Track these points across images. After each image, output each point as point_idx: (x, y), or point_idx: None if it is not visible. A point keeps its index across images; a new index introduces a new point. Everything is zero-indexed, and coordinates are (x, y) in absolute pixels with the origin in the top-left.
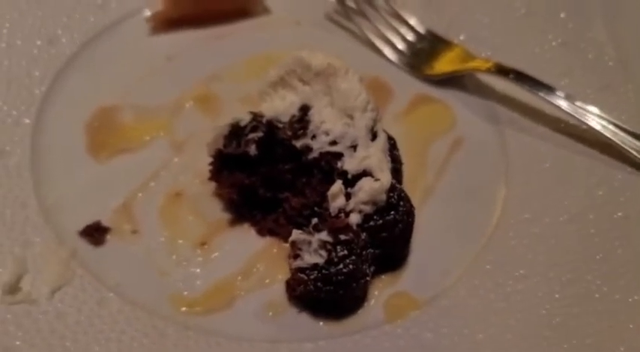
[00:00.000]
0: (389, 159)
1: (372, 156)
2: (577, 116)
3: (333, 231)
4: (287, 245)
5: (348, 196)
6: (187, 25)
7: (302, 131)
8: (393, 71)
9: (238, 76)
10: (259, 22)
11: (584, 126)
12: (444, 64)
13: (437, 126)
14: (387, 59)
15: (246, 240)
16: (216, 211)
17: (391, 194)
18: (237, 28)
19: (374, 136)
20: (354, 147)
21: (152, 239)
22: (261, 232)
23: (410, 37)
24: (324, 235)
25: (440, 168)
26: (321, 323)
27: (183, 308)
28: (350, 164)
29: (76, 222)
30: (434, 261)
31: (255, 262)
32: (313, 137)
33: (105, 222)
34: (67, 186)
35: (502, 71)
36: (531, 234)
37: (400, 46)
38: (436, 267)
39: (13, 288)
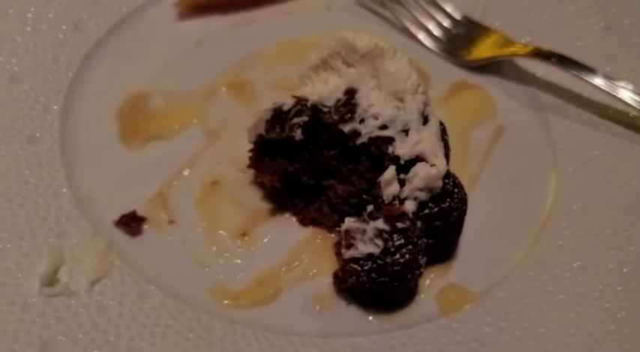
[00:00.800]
0: (442, 143)
1: (426, 141)
2: (625, 100)
3: (390, 219)
4: (331, 235)
5: (401, 183)
6: (216, 10)
7: (349, 115)
8: (429, 57)
9: (270, 61)
10: (289, 6)
11: (633, 112)
12: (482, 50)
13: (477, 114)
14: (423, 45)
15: (288, 230)
16: (255, 200)
17: (446, 180)
18: (266, 12)
19: (425, 120)
20: (405, 132)
21: (190, 229)
22: (304, 222)
23: (446, 22)
24: (380, 223)
25: (484, 157)
26: (370, 317)
27: (226, 302)
28: (402, 149)
29: (111, 211)
30: (484, 252)
31: (298, 253)
32: (361, 121)
33: (140, 212)
34: (100, 175)
35: (543, 55)
36: (586, 224)
37: (436, 31)
38: (487, 259)
39: (51, 280)
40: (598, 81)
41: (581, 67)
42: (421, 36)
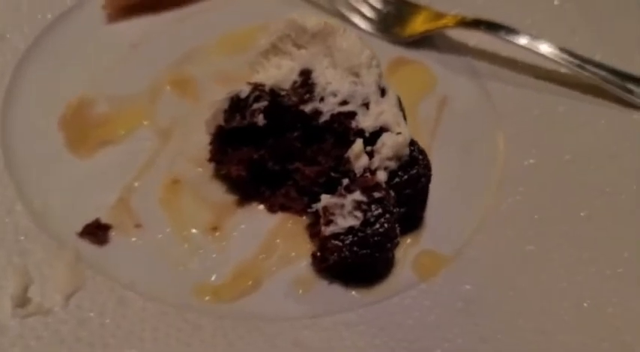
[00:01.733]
0: (401, 112)
1: (387, 111)
2: (549, 56)
3: (366, 190)
4: (302, 217)
5: (368, 155)
6: (145, 10)
7: (308, 95)
8: (366, 38)
9: (209, 55)
10: (217, 0)
11: (563, 69)
12: (414, 26)
13: (419, 87)
14: (357, 27)
15: (258, 219)
16: (220, 194)
17: (412, 147)
18: (197, 8)
19: (382, 92)
20: (366, 105)
21: (158, 231)
22: (272, 208)
23: (377, 3)
24: (357, 195)
25: (433, 127)
26: (353, 292)
27: (208, 298)
28: (365, 121)
29: (72, 223)
30: (450, 215)
31: (272, 240)
32: (321, 100)
33: (104, 220)
34: (53, 187)
35: (472, 24)
36: (537, 178)
37: (368, 13)
38: (454, 222)
39: (23, 300)
40: (525, 41)
41: (508, 30)
42: (355, 18)
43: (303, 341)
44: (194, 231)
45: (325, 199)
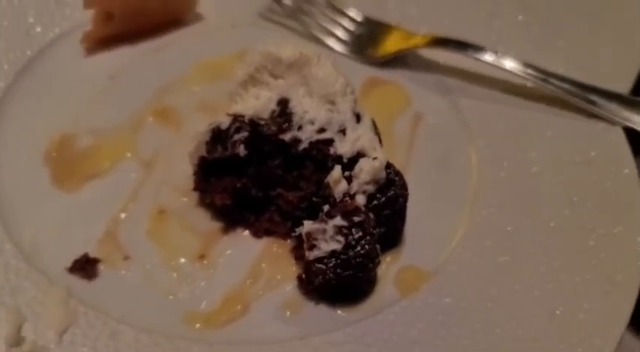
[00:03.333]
0: (377, 137)
1: (363, 137)
2: (514, 71)
3: (346, 215)
4: (286, 241)
5: (347, 180)
6: (122, 41)
7: (286, 124)
8: (340, 60)
9: (187, 85)
10: (194, 29)
11: (529, 83)
12: (387, 46)
13: (393, 106)
14: (331, 49)
15: (244, 245)
16: (205, 222)
17: (388, 170)
18: (173, 38)
19: (358, 117)
20: (342, 132)
21: (146, 262)
22: (257, 234)
23: (349, 25)
24: (338, 220)
25: (408, 145)
26: (339, 311)
27: (198, 325)
28: (343, 148)
29: (61, 259)
30: (428, 231)
31: (258, 264)
32: (299, 128)
33: (93, 254)
34: (41, 224)
35: (441, 43)
36: (509, 190)
37: (342, 35)
38: (432, 237)
39: (17, 340)
40: (491, 58)
41: (475, 48)
42: (329, 41)
43: None
44: (182, 260)
45: (308, 225)
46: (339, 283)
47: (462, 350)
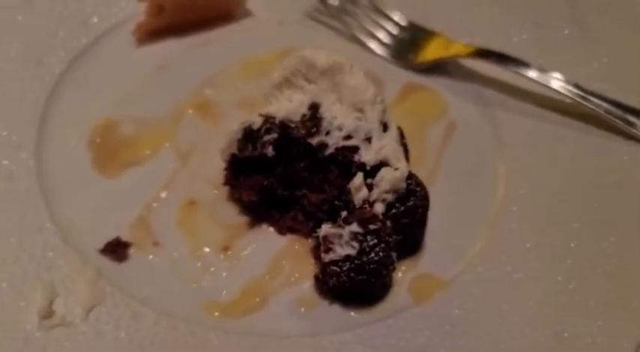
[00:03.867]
0: (401, 147)
1: (387, 146)
2: (557, 89)
3: (362, 222)
4: (308, 240)
5: (369, 187)
6: (172, 34)
7: (315, 128)
8: (380, 63)
9: (231, 80)
10: (243, 25)
11: (568, 100)
12: (428, 53)
13: (429, 113)
14: (373, 53)
15: (268, 240)
16: (233, 215)
17: (409, 181)
18: (221, 33)
19: (385, 127)
20: (368, 140)
21: (174, 249)
22: (281, 231)
23: (393, 29)
24: (354, 227)
25: (438, 153)
26: (352, 312)
27: (217, 314)
28: (367, 156)
29: (95, 240)
30: (448, 241)
31: (279, 260)
32: (327, 133)
33: (124, 238)
34: (80, 206)
35: (483, 54)
36: (534, 207)
37: (384, 38)
38: (452, 247)
39: (48, 313)
40: (532, 74)
41: (516, 63)
42: (371, 44)
43: None
44: (207, 250)
45: (325, 228)
46: (353, 286)
47: None
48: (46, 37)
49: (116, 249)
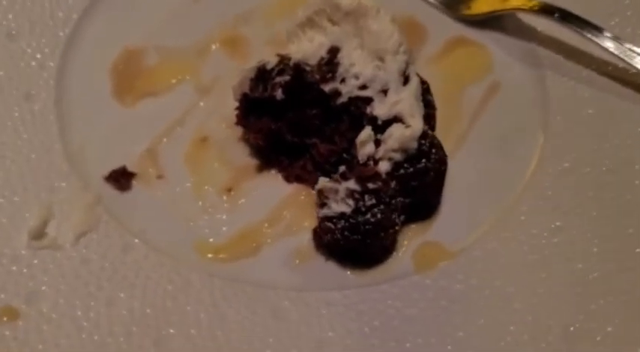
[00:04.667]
0: (421, 104)
1: (404, 101)
2: (626, 59)
3: (361, 180)
4: (314, 192)
5: (378, 143)
6: None
7: (331, 74)
8: (429, 11)
9: (267, 16)
10: None
11: (634, 70)
12: (482, 4)
13: (473, 70)
14: None
15: (273, 186)
16: (243, 156)
17: (422, 141)
18: None
19: (406, 80)
20: (384, 92)
21: (178, 184)
22: (289, 178)
23: None
24: (351, 184)
25: (474, 114)
26: (348, 272)
27: (209, 255)
28: (380, 109)
29: (101, 167)
30: (466, 210)
31: (282, 209)
32: (342, 81)
33: (130, 167)
34: (92, 131)
35: (546, 10)
36: (569, 185)
37: None
38: (468, 217)
39: (40, 234)
40: (600, 37)
41: (584, 23)
42: None
43: (281, 312)
44: (211, 189)
45: (322, 182)
46: (346, 245)
47: (453, 342)
48: None
49: (120, 178)
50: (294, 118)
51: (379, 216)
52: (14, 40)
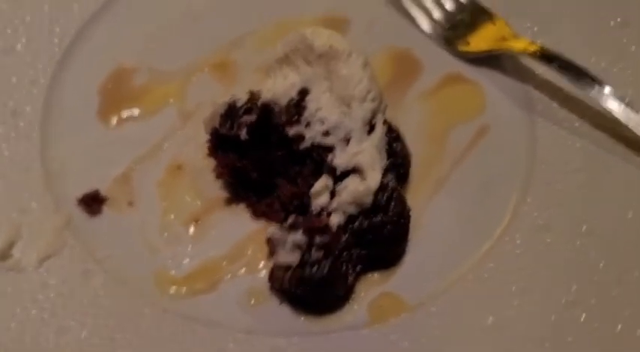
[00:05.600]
0: (384, 155)
1: (364, 152)
2: (622, 120)
3: (309, 232)
4: None
5: (332, 194)
6: None
7: (297, 117)
8: (426, 44)
9: (260, 42)
10: None
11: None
12: (481, 41)
13: (463, 110)
14: (421, 30)
15: (240, 221)
16: (214, 188)
17: (380, 195)
18: None
19: (371, 129)
20: (347, 141)
21: (147, 212)
22: (256, 214)
23: (449, 5)
24: (298, 235)
25: (458, 158)
26: (301, 317)
27: (170, 288)
28: (340, 158)
29: (75, 188)
30: (431, 262)
31: (245, 245)
32: (307, 125)
33: (103, 191)
34: (73, 152)
35: (546, 57)
36: (541, 244)
37: (437, 15)
38: (432, 270)
39: (5, 255)
40: (599, 94)
41: (583, 75)
42: (421, 20)
43: None
44: (178, 219)
45: (271, 230)
46: (296, 295)
47: None
48: None
49: (92, 203)
50: (259, 158)
51: (325, 270)
52: (9, 54)
